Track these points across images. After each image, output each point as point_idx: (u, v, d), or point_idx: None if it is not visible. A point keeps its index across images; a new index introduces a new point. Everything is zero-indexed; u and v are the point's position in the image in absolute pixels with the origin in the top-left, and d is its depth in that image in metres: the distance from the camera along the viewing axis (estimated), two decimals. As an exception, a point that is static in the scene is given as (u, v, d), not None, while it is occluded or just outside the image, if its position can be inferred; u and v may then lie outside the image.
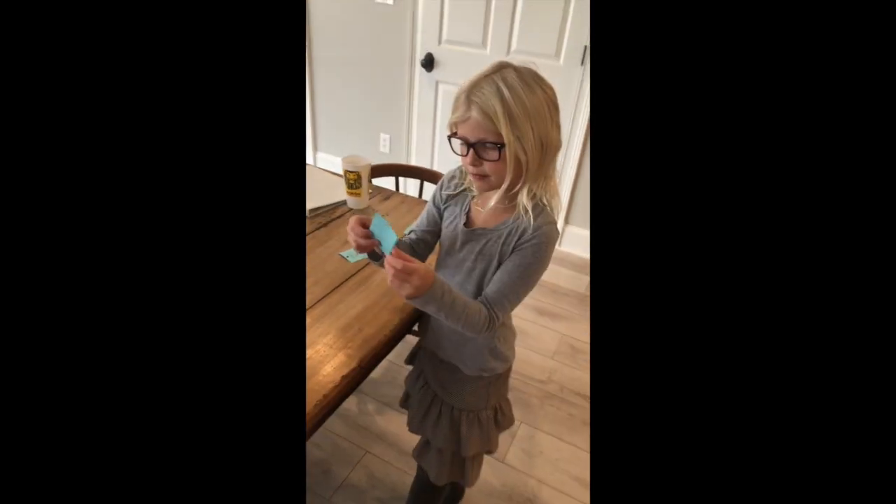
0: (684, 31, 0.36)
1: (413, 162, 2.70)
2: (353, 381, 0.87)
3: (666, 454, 0.35)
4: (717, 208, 0.35)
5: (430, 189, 1.84)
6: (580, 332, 1.98)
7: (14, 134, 0.33)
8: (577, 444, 1.53)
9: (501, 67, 0.74)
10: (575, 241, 2.43)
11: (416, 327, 1.08)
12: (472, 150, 0.76)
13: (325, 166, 2.72)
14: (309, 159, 3.05)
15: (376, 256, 0.86)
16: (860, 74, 0.31)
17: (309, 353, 0.88)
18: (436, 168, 2.57)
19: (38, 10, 0.34)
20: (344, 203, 1.42)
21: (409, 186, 2.61)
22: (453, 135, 0.78)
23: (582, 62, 2.10)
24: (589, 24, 2.02)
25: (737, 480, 0.34)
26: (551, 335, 1.97)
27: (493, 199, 0.80)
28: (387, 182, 1.78)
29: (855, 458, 0.31)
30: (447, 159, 2.62)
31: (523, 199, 0.80)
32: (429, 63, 2.39)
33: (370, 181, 1.43)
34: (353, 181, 1.36)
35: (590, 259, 0.59)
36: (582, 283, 2.27)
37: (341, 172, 1.40)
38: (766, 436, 0.33)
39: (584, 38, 2.06)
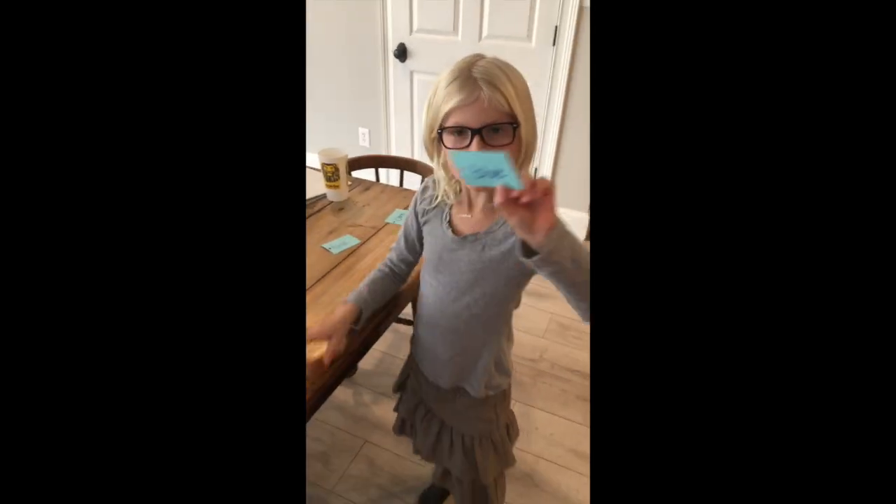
0: (687, 16, 0.35)
1: (393, 154, 2.70)
2: (343, 368, 0.89)
3: (666, 436, 0.35)
4: (722, 197, 0.34)
5: (410, 179, 1.85)
6: (569, 309, 2.01)
7: (13, 133, 0.34)
8: (570, 418, 1.56)
9: (480, 56, 0.68)
10: (559, 221, 2.45)
11: (410, 313, 1.09)
12: (477, 138, 0.66)
13: (308, 164, 2.70)
14: (289, 159, 3.03)
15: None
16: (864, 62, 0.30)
17: (296, 343, 0.89)
18: (416, 158, 2.57)
19: (39, 10, 0.33)
20: (324, 196, 1.42)
21: (391, 177, 2.61)
22: (443, 130, 0.69)
23: (553, 42, 2.10)
24: (558, 4, 2.03)
25: (736, 459, 0.33)
26: (540, 314, 2.00)
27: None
28: (367, 174, 1.78)
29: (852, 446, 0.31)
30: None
31: None
32: (402, 53, 2.39)
33: (349, 173, 1.44)
34: (331, 173, 1.37)
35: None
36: (568, 262, 2.30)
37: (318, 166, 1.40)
38: (766, 414, 0.33)
39: (555, 19, 2.06)
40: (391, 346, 1.84)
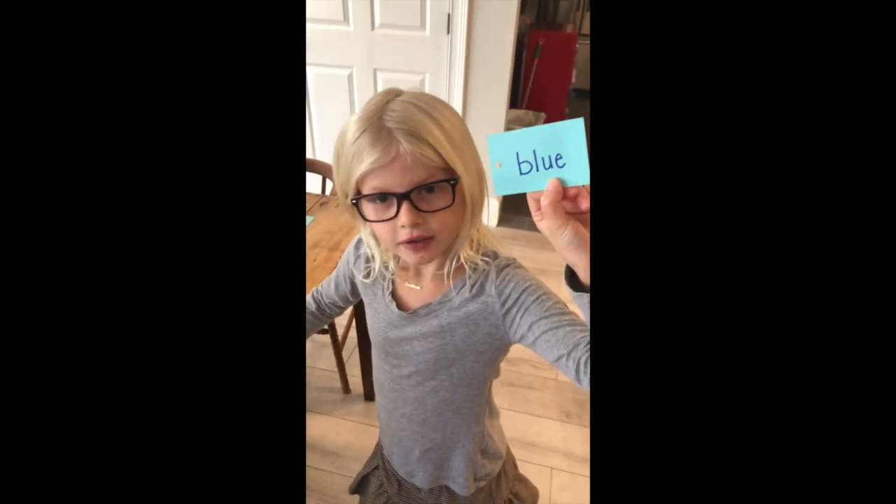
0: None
1: (294, 152, 2.57)
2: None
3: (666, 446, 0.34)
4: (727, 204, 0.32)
5: (310, 179, 1.76)
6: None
7: (12, 134, 0.33)
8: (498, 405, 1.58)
9: (395, 94, 0.53)
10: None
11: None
12: (406, 205, 0.51)
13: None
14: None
15: None
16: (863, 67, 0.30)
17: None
18: (317, 157, 2.46)
19: (38, 10, 0.33)
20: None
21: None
22: (360, 198, 0.53)
23: (448, 31, 2.08)
24: (448, -9, 2.00)
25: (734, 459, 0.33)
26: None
27: (448, 265, 0.59)
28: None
29: (854, 455, 0.30)
30: (328, 147, 2.52)
31: (466, 251, 0.59)
32: (291, 45, 2.25)
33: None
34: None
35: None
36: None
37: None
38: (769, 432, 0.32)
39: (447, 7, 2.04)
40: (308, 357, 1.75)
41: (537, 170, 0.37)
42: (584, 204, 0.36)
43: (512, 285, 0.57)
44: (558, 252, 0.38)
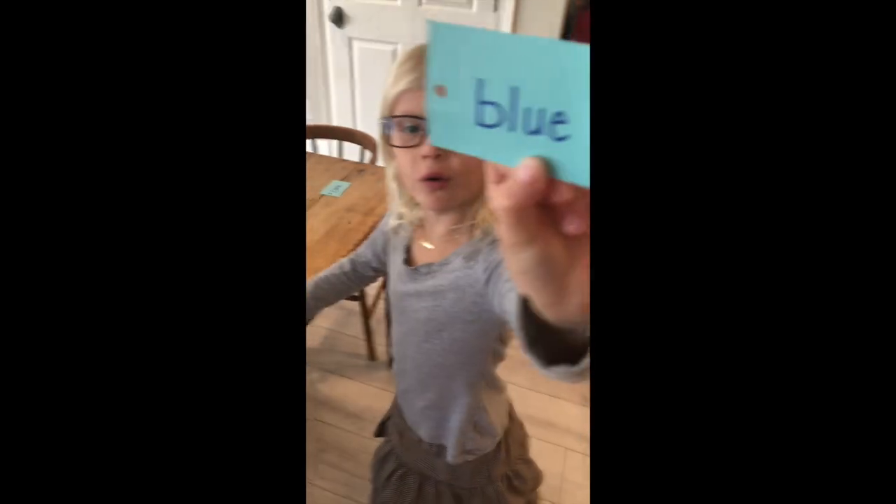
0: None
1: (335, 124, 2.61)
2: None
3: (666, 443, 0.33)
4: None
5: (348, 149, 1.79)
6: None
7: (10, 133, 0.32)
8: (517, 384, 1.59)
9: None
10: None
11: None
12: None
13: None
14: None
15: None
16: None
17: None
18: (359, 128, 2.49)
19: (36, 8, 0.32)
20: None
21: (333, 150, 2.53)
22: (391, 118, 0.52)
23: (494, 8, 2.06)
24: (497, -33, 1.98)
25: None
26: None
27: (464, 225, 0.57)
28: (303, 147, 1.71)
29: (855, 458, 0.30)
30: (370, 119, 2.55)
31: (485, 214, 0.57)
32: (338, 18, 2.27)
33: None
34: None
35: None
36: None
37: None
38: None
39: (495, -17, 2.02)
40: (336, 323, 1.81)
41: (512, 128, 0.20)
42: (573, 226, 0.21)
43: (501, 254, 0.55)
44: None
